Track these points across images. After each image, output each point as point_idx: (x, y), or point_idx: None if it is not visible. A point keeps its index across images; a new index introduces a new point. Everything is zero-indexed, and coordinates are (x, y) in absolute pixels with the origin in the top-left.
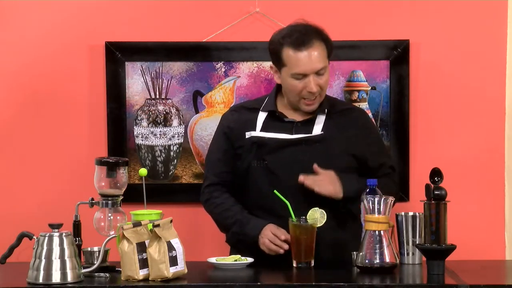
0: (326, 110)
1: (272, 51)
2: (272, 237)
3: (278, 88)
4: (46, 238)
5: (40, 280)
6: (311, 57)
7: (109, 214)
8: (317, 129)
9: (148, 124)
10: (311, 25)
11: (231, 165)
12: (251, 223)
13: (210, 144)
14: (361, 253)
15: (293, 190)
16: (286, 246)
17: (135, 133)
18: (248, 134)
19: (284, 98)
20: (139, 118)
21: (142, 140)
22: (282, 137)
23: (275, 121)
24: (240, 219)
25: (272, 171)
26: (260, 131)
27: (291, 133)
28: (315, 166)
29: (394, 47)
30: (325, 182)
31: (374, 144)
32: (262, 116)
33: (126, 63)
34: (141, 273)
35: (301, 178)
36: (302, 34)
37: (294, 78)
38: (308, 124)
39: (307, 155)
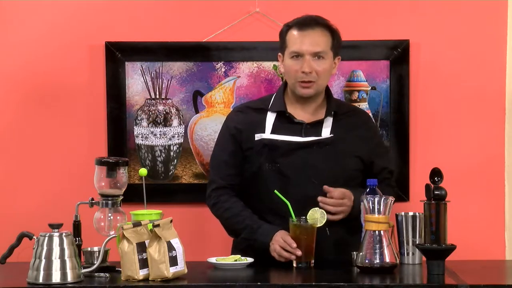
0: (333, 112)
1: (280, 35)
2: (283, 244)
3: (285, 87)
4: (46, 238)
5: (40, 280)
6: (311, 38)
7: (109, 214)
8: (326, 132)
9: (148, 124)
10: (323, 18)
11: (239, 168)
12: (261, 228)
13: (214, 146)
14: (361, 253)
15: (304, 192)
16: (299, 253)
17: (135, 133)
18: (258, 136)
19: (290, 95)
20: (139, 118)
21: (142, 140)
22: (294, 139)
23: (284, 122)
24: (250, 224)
25: (284, 174)
26: (270, 133)
27: (301, 135)
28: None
29: (394, 47)
30: (342, 211)
31: (378, 147)
32: (270, 117)
33: (126, 63)
34: (141, 273)
35: (320, 198)
36: (310, 18)
37: (292, 58)
38: (317, 126)
39: (319, 157)
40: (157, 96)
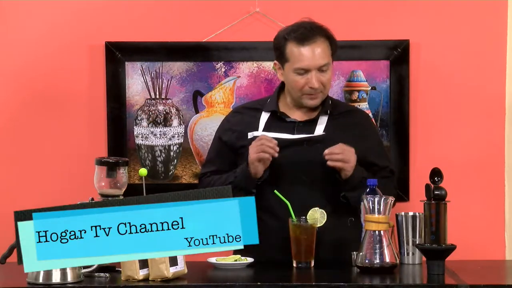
0: (328, 111)
1: (277, 46)
2: (261, 144)
3: (281, 88)
4: None
5: (40, 280)
6: (314, 52)
7: None
8: (319, 130)
9: (148, 124)
10: (317, 23)
11: (224, 166)
12: (239, 168)
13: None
14: (361, 253)
15: (294, 190)
16: (277, 149)
17: (135, 133)
18: (250, 134)
19: (287, 97)
20: (139, 118)
21: (142, 140)
22: (283, 136)
23: (277, 121)
24: (230, 174)
25: (274, 171)
26: (263, 131)
27: (293, 133)
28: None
29: (394, 47)
30: (343, 157)
31: (375, 147)
32: (264, 116)
33: (126, 63)
34: (141, 273)
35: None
36: (307, 30)
37: (296, 73)
38: (310, 124)
39: (309, 155)
40: (157, 96)
